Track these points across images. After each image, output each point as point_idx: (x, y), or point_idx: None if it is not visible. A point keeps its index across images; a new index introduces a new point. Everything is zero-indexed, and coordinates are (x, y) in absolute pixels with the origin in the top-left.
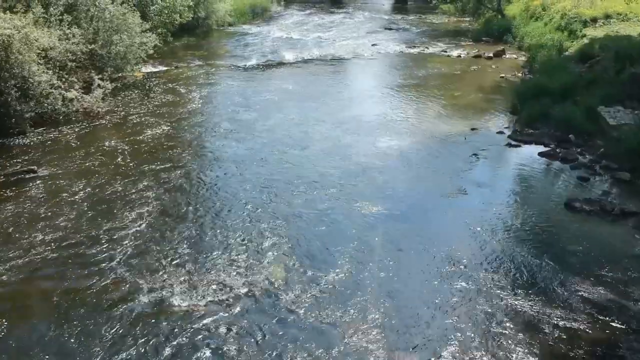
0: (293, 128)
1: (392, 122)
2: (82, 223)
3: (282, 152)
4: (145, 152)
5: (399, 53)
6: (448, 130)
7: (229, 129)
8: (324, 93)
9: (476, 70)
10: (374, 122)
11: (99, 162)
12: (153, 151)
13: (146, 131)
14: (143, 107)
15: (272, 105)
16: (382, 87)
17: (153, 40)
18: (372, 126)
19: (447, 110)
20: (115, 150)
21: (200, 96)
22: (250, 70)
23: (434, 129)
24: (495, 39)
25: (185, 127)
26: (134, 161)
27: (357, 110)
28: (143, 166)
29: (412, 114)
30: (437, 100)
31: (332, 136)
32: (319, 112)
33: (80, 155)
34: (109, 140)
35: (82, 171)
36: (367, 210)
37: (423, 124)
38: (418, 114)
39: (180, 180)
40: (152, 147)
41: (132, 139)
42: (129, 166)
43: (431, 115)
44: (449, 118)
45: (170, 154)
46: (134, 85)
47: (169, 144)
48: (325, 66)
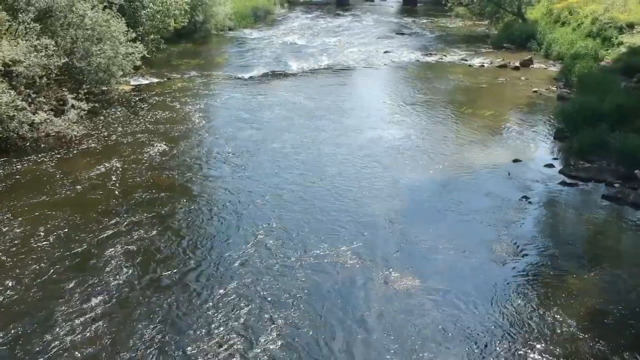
0: (304, 152)
1: (417, 149)
2: (41, 288)
3: (293, 185)
4: (126, 188)
5: (414, 62)
6: (485, 161)
7: (229, 154)
8: (335, 109)
9: (504, 83)
10: (396, 148)
11: (68, 203)
12: (135, 185)
13: (128, 159)
14: (127, 128)
15: (278, 124)
16: (400, 102)
17: (140, 51)
18: (395, 153)
19: (479, 134)
20: (90, 187)
21: (195, 113)
22: (251, 81)
23: (468, 159)
24: (518, 46)
25: (177, 154)
26: (111, 201)
27: (375, 131)
28: (121, 209)
29: (439, 138)
30: (466, 121)
31: (349, 166)
32: (332, 132)
33: (45, 193)
34: (82, 172)
35: (46, 215)
36: (398, 287)
37: (454, 151)
38: (446, 138)
39: (168, 233)
40: (134, 180)
41: (111, 170)
42: (105, 208)
43: (462, 140)
44: (483, 145)
45: (156, 191)
46: (119, 101)
47: (155, 176)
48: (334, 77)
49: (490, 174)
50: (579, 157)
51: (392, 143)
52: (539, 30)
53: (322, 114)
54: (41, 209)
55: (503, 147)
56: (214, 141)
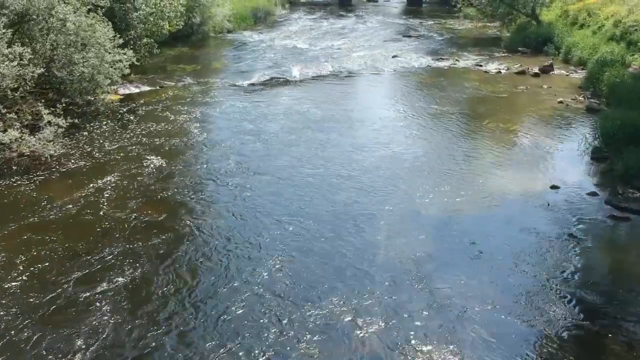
0: (312, 172)
1: (439, 171)
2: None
3: (303, 216)
4: (110, 216)
5: (425, 67)
6: (518, 187)
7: (229, 173)
8: (343, 121)
9: (525, 92)
10: (415, 170)
11: (41, 235)
12: (121, 214)
13: (114, 182)
14: (114, 144)
15: (282, 137)
16: (414, 114)
17: (129, 58)
18: (414, 177)
19: (506, 152)
20: (67, 216)
21: (190, 125)
22: (251, 89)
23: (498, 184)
24: (534, 50)
25: (170, 174)
26: (91, 234)
27: (390, 148)
28: (103, 243)
29: (462, 157)
30: (489, 137)
31: (364, 192)
32: (342, 148)
33: (14, 221)
34: (58, 199)
35: (15, 248)
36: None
37: (481, 175)
38: (470, 158)
39: (160, 273)
40: (120, 208)
41: (92, 196)
42: (84, 243)
43: (488, 160)
44: (513, 166)
45: (146, 221)
46: (106, 113)
47: (145, 202)
48: (340, 84)
49: (526, 205)
50: (625, 183)
51: (410, 163)
52: (556, 33)
53: (329, 126)
54: (9, 241)
55: (535, 169)
56: (213, 157)
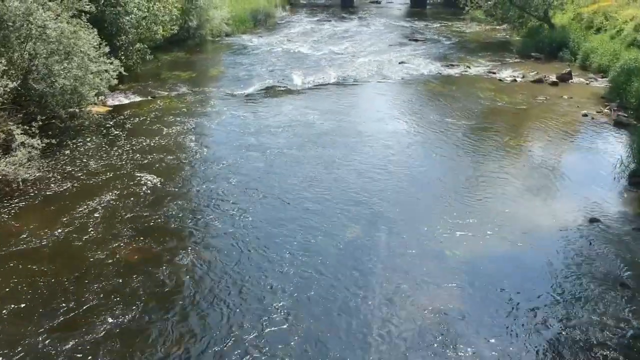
0: (319, 196)
1: (462, 200)
2: None
3: (308, 247)
4: (91, 254)
5: (435, 74)
6: (551, 220)
7: (229, 197)
8: (350, 136)
9: (545, 103)
10: (435, 198)
11: (10, 279)
12: (100, 255)
13: (96, 210)
14: (99, 164)
15: (286, 154)
16: (428, 128)
17: (116, 68)
18: (434, 207)
19: (533, 176)
20: (41, 254)
21: (185, 140)
22: (251, 99)
23: (530, 216)
24: (548, 55)
25: (162, 199)
26: (70, 275)
27: (404, 170)
28: (86, 286)
29: (485, 182)
30: (512, 157)
31: (378, 225)
32: (351, 167)
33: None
34: (31, 232)
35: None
36: None
37: (508, 203)
38: (493, 183)
39: (149, 332)
40: (100, 245)
41: (71, 228)
42: (63, 286)
43: (515, 186)
44: (542, 193)
45: (133, 256)
46: (91, 128)
47: (132, 233)
48: (345, 94)
49: (563, 242)
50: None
51: (429, 188)
52: (571, 37)
53: (336, 141)
54: None
55: (569, 197)
56: (210, 177)
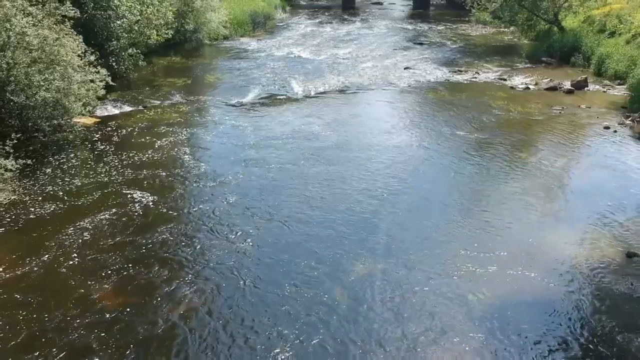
0: (323, 219)
1: (482, 228)
2: None
3: (312, 284)
4: (71, 293)
5: (443, 81)
6: (585, 254)
7: (224, 219)
8: (357, 150)
9: (562, 114)
10: (451, 224)
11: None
12: (85, 288)
13: (78, 237)
14: (83, 183)
15: (286, 171)
16: (440, 143)
17: (102, 77)
18: (452, 235)
19: (557, 200)
20: (11, 297)
21: (177, 155)
22: (248, 109)
23: (559, 249)
24: (559, 60)
25: (152, 222)
26: (47, 319)
27: (417, 191)
28: (64, 333)
29: (507, 207)
30: (532, 177)
31: (393, 260)
32: (358, 188)
33: None
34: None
35: None
36: None
37: (534, 234)
38: (516, 207)
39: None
40: (83, 280)
41: (48, 260)
42: (39, 333)
43: (538, 212)
44: (571, 222)
45: (120, 295)
46: (75, 143)
47: (119, 264)
48: (349, 103)
49: (599, 283)
50: None
51: (445, 216)
52: (583, 42)
53: (340, 156)
54: None
55: (600, 225)
56: (206, 196)
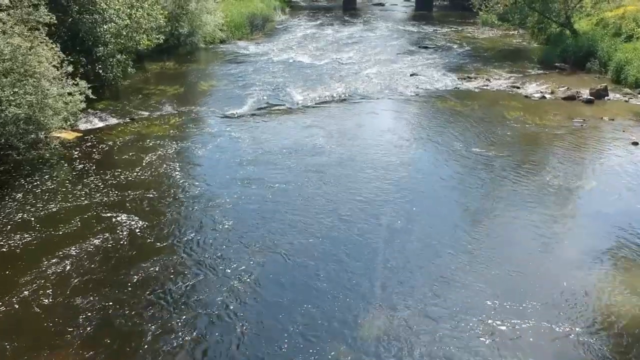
0: (330, 253)
1: (508, 268)
2: None
3: (320, 333)
4: (39, 346)
5: (452, 89)
6: (634, 303)
7: (219, 253)
8: (362, 168)
9: (585, 128)
10: (470, 262)
11: None
12: (58, 337)
13: (49, 277)
14: (56, 209)
15: (287, 194)
16: (455, 162)
17: (82, 89)
18: (472, 276)
19: (597, 236)
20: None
21: (166, 175)
22: (244, 122)
23: (601, 298)
24: (573, 66)
25: (135, 257)
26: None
27: (432, 222)
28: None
29: (537, 244)
30: (565, 205)
31: (405, 299)
32: (366, 217)
33: None
34: None
35: None
36: None
37: (569, 275)
38: (547, 245)
39: None
40: (55, 328)
41: (9, 310)
42: None
43: (574, 249)
44: (614, 262)
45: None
46: (52, 162)
47: (98, 310)
48: (353, 115)
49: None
50: None
51: (466, 252)
52: (599, 46)
53: (346, 175)
54: None
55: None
56: (198, 223)
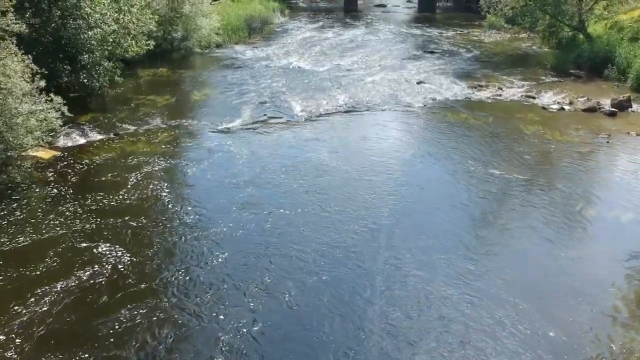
0: (339, 296)
1: (539, 319)
2: None
3: None
4: None
5: (463, 99)
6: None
7: (214, 295)
8: (371, 193)
9: (611, 145)
10: (499, 314)
11: None
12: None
13: (13, 321)
14: (25, 242)
15: (287, 224)
16: (469, 185)
17: (57, 106)
18: (500, 329)
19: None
20: None
21: (153, 199)
22: (239, 137)
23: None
24: (588, 72)
25: (113, 297)
26: None
27: (451, 260)
28: None
29: (577, 295)
30: (602, 241)
31: (420, 352)
32: (377, 253)
33: None
34: None
35: None
36: None
37: (615, 333)
38: (590, 295)
39: None
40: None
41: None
42: None
43: (619, 301)
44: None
45: None
46: (23, 186)
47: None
48: (357, 129)
49: None
50: None
51: (492, 299)
52: (617, 51)
53: (352, 199)
54: None
55: None
56: (190, 258)
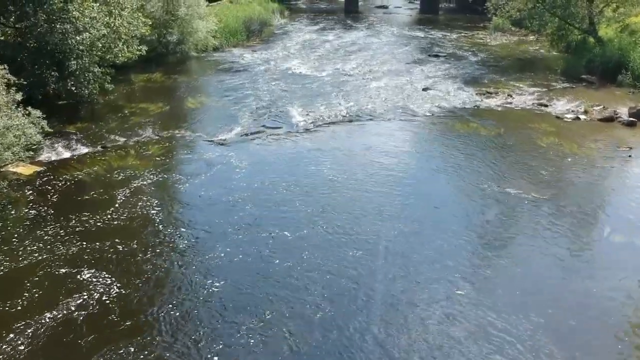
0: (348, 339)
1: None
2: None
3: None
4: None
5: (471, 108)
6: None
7: (205, 341)
8: (378, 212)
9: (633, 160)
10: None
11: None
12: None
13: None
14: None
15: (289, 250)
16: (484, 207)
17: (37, 119)
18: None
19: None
20: None
21: (140, 221)
22: (236, 149)
23: None
24: (600, 78)
25: (95, 336)
26: None
27: (470, 298)
28: None
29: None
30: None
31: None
32: (387, 287)
33: None
34: None
35: None
36: None
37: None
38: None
39: None
40: None
41: None
42: None
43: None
44: None
45: None
46: (0, 206)
47: None
48: (360, 140)
49: None
50: None
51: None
52: (631, 56)
53: (355, 220)
54: None
55: None
56: (183, 291)
